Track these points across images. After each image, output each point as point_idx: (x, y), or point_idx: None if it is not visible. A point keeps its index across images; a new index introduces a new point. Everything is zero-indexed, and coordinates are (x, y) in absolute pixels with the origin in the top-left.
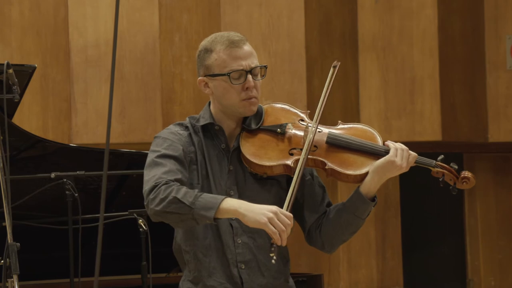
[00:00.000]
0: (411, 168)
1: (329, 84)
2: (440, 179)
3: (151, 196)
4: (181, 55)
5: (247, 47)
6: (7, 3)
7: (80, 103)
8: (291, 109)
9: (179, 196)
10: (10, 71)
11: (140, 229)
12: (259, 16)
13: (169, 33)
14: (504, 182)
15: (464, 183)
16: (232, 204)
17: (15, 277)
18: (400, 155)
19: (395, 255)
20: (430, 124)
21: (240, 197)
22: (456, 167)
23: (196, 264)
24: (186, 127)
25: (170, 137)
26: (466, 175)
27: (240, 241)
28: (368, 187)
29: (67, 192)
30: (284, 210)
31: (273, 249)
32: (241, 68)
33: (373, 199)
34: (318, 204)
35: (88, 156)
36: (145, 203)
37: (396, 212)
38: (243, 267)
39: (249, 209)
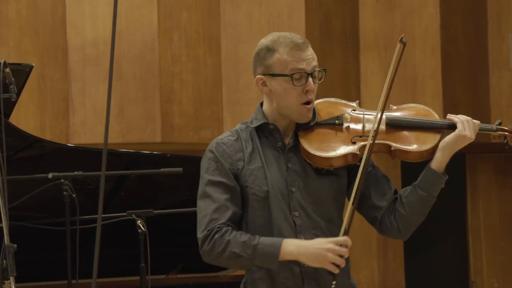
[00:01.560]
0: (413, 168)
1: (394, 68)
2: (504, 142)
3: (206, 248)
4: (181, 54)
5: (309, 51)
6: (4, 2)
7: (78, 102)
8: (341, 101)
9: (237, 251)
10: (7, 70)
11: (139, 230)
12: (259, 15)
13: (168, 31)
14: (507, 182)
15: None
16: (291, 251)
17: (12, 279)
18: (467, 127)
19: (396, 256)
20: None
21: (301, 194)
22: None
23: None
24: (236, 132)
25: (214, 156)
26: None
27: (303, 238)
28: (440, 162)
29: (64, 192)
30: (339, 238)
31: (334, 282)
32: (303, 68)
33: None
34: (386, 192)
35: (86, 156)
36: (200, 251)
37: None
38: (305, 265)
39: (307, 252)
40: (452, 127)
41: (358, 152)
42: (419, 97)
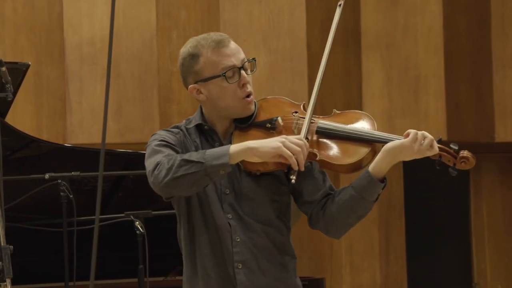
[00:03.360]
0: (417, 168)
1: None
2: (436, 161)
3: (155, 172)
4: (179, 53)
5: (233, 44)
6: (0, 0)
7: (75, 101)
8: (285, 101)
9: (186, 157)
10: (3, 69)
11: (137, 232)
12: (259, 13)
13: (166, 30)
14: (511, 183)
15: (463, 163)
16: (241, 145)
17: (8, 281)
18: (418, 141)
19: (398, 258)
20: (435, 123)
21: (236, 196)
22: (456, 147)
23: (192, 261)
24: (179, 132)
25: (167, 134)
26: (464, 155)
27: (238, 239)
28: (379, 166)
29: (61, 193)
30: (292, 136)
31: (292, 172)
32: (233, 64)
33: (382, 180)
34: (319, 188)
35: (83, 156)
36: (151, 181)
37: (400, 213)
38: (239, 267)
39: (258, 142)
40: (384, 141)
41: (284, 161)
42: (422, 96)
